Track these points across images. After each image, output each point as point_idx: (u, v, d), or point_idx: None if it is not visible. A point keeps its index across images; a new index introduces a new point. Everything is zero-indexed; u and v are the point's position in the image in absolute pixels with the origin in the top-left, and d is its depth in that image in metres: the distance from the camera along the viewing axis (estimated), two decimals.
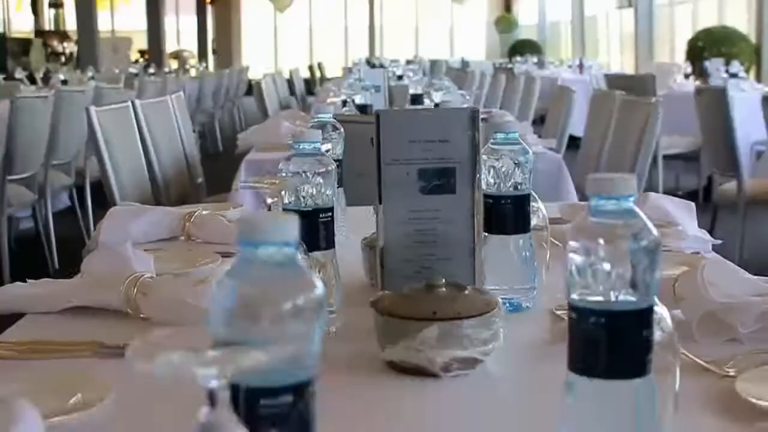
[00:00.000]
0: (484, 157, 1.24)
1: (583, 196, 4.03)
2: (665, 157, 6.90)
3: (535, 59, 14.55)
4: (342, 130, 1.75)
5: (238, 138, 3.57)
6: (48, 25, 18.98)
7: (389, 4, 24.99)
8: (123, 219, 1.77)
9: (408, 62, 20.22)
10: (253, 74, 21.87)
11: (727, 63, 8.38)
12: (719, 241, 1.65)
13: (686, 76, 7.59)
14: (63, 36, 14.27)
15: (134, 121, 3.58)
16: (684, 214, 1.67)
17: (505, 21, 21.75)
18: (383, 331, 1.04)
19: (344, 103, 3.41)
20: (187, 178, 4.14)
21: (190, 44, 23.25)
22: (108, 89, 5.91)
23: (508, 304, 1.27)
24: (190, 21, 23.21)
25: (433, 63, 19.66)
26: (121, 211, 1.79)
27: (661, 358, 0.75)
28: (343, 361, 1.08)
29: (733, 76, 7.19)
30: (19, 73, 7.76)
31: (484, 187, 1.24)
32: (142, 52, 20.43)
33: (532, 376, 1.11)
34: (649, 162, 3.27)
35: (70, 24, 16.61)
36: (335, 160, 1.80)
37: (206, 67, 14.64)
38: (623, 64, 15.02)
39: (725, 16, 11.60)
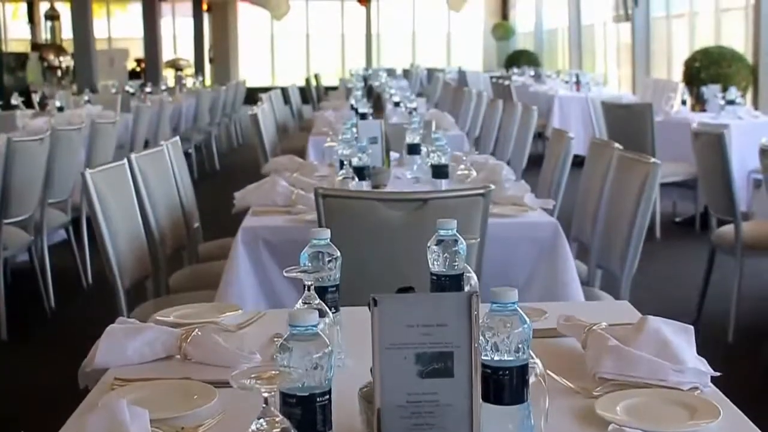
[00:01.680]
0: (482, 327, 1.23)
1: (581, 245, 4.02)
2: (662, 184, 6.90)
3: (531, 72, 14.53)
4: (338, 254, 1.73)
5: (234, 197, 3.54)
6: (45, 32, 18.94)
7: (386, 11, 24.96)
8: (119, 339, 1.76)
9: (405, 71, 20.27)
10: (251, 82, 21.87)
11: (725, 88, 8.37)
12: (718, 374, 1.64)
13: (683, 102, 7.58)
14: (59, 49, 14.22)
15: (130, 178, 3.57)
16: (682, 340, 1.67)
17: (502, 28, 21.75)
18: None
19: (341, 164, 3.40)
20: (183, 226, 4.12)
21: (187, 51, 23.20)
22: (104, 124, 5.89)
23: None
24: (187, 27, 23.16)
25: (431, 72, 19.70)
26: (118, 330, 1.78)
27: None
28: None
29: (731, 102, 7.19)
30: (16, 99, 7.73)
31: (482, 357, 1.23)
32: (138, 61, 20.42)
33: None
34: (647, 224, 3.26)
35: (67, 31, 16.56)
36: (333, 286, 1.80)
37: (203, 80, 14.61)
38: (620, 77, 15.00)
39: (722, 29, 11.59)
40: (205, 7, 22.47)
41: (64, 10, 16.95)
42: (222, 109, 11.99)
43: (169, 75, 22.59)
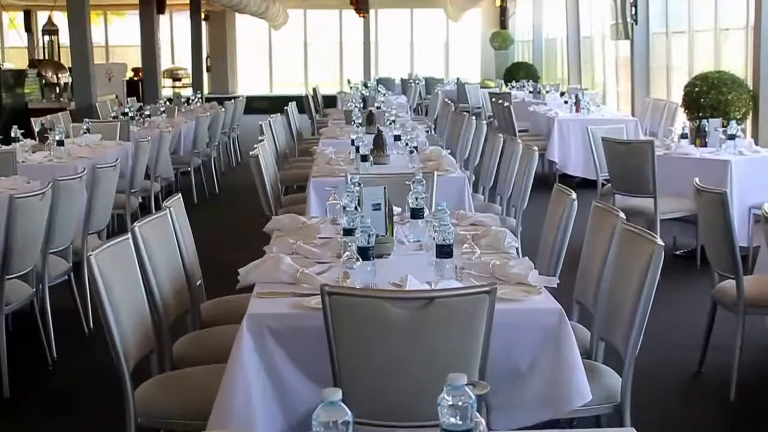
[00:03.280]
0: None
1: (582, 308, 4.01)
2: (663, 220, 6.89)
3: (530, 87, 14.53)
4: (350, 415, 1.73)
5: (238, 273, 3.53)
6: (42, 41, 18.89)
7: (384, 20, 24.94)
8: None
9: (403, 81, 20.29)
10: (249, 91, 21.82)
11: (725, 114, 8.39)
12: None
13: (684, 136, 7.58)
14: (58, 66, 14.19)
15: (133, 250, 3.56)
16: None
17: (500, 37, 21.74)
18: None
19: (344, 246, 3.40)
20: (185, 289, 4.10)
21: (185, 57, 23.16)
22: (104, 168, 5.88)
23: None
24: (184, 33, 23.13)
25: (429, 82, 19.72)
26: None
27: None
28: None
29: (731, 137, 7.20)
30: (15, 132, 7.72)
31: None
32: (136, 70, 20.38)
33: None
34: (651, 303, 3.25)
35: (64, 36, 16.50)
36: None
37: (201, 96, 14.58)
38: (620, 94, 14.99)
39: (722, 46, 11.60)
40: (203, 16, 22.43)
41: (62, 19, 16.88)
42: (221, 128, 11.98)
43: (167, 82, 22.59)
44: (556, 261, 4.10)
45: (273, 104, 20.81)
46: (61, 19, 17.35)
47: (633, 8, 13.01)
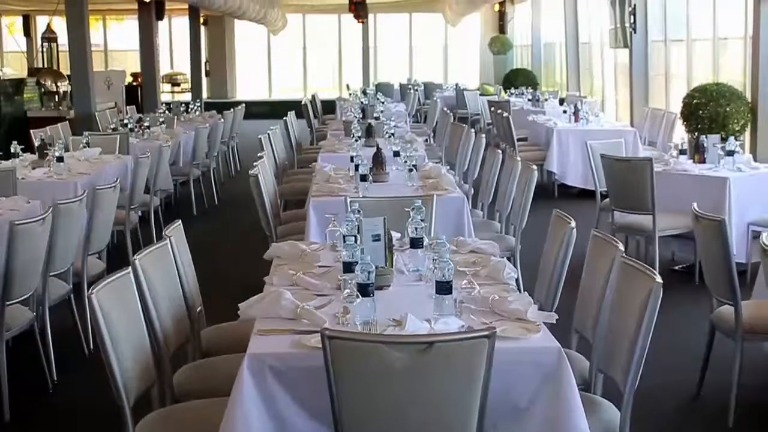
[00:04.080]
0: None
1: (581, 338, 4.02)
2: (661, 236, 6.91)
3: (529, 95, 14.54)
4: None
5: (239, 307, 3.55)
6: (41, 48, 18.89)
7: (383, 24, 24.95)
8: None
9: (402, 86, 20.31)
10: (248, 95, 21.76)
11: (723, 126, 8.41)
12: None
13: (683, 152, 7.60)
14: (57, 75, 14.19)
15: (134, 283, 3.57)
16: None
17: (499, 42, 21.74)
18: None
19: (344, 284, 3.40)
20: (186, 317, 4.12)
21: (184, 62, 23.16)
22: (104, 189, 5.89)
23: None
24: (183, 36, 23.13)
25: (428, 87, 19.75)
26: None
27: None
28: None
29: (730, 153, 7.21)
30: (14, 147, 7.72)
31: None
32: (135, 75, 20.38)
33: None
34: (650, 337, 3.27)
35: (63, 38, 16.45)
36: None
37: (201, 105, 14.58)
38: (618, 102, 15.00)
39: (720, 55, 11.61)
40: (201, 20, 22.41)
41: (61, 23, 16.85)
42: (220, 138, 11.99)
43: (166, 87, 22.59)
44: (555, 288, 4.11)
45: (272, 109, 20.84)
46: (60, 23, 17.33)
47: (632, 16, 13.02)
